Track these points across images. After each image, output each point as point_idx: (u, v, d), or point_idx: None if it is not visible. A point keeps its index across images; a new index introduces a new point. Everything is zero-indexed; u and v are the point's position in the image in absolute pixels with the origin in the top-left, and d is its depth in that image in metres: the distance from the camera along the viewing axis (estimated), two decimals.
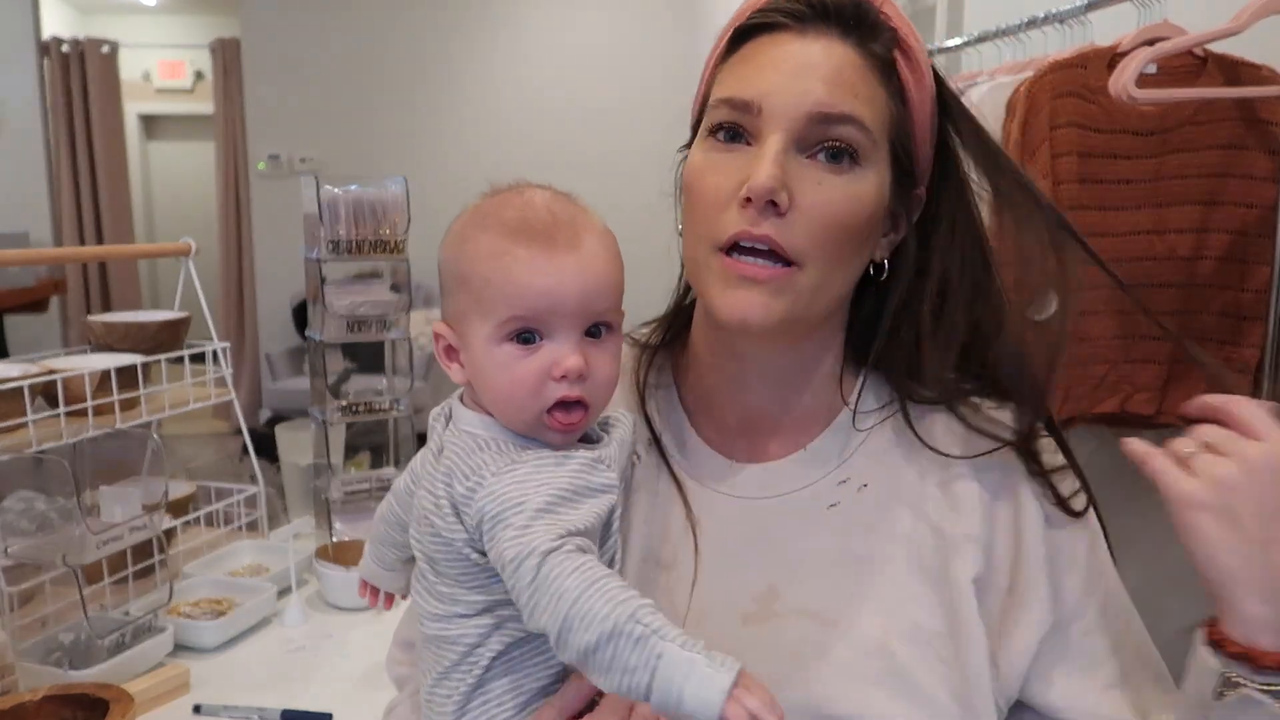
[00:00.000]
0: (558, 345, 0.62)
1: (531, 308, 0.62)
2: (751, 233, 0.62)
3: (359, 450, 1.66)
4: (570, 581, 0.53)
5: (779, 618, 0.66)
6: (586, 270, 0.63)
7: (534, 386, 0.62)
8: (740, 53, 0.66)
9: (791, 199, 0.61)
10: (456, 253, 0.67)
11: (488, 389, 0.65)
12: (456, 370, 0.68)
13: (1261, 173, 1.62)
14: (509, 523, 0.58)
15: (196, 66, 7.20)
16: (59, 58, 5.54)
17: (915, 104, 0.66)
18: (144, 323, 1.52)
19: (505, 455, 0.62)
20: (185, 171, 7.61)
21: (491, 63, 5.65)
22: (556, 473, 0.61)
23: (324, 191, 1.43)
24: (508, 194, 0.68)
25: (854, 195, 0.63)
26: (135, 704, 1.00)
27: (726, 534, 0.70)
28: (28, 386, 1.22)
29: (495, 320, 0.63)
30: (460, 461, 0.63)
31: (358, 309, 1.49)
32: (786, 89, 0.62)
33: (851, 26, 0.64)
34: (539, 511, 0.58)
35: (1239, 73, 1.62)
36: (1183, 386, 1.71)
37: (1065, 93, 1.63)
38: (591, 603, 0.52)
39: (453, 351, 0.68)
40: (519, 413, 0.63)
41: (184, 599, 1.36)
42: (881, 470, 0.69)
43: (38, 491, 1.26)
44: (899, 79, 0.66)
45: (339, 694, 1.20)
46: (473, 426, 0.66)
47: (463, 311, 0.65)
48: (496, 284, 0.62)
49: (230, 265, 5.77)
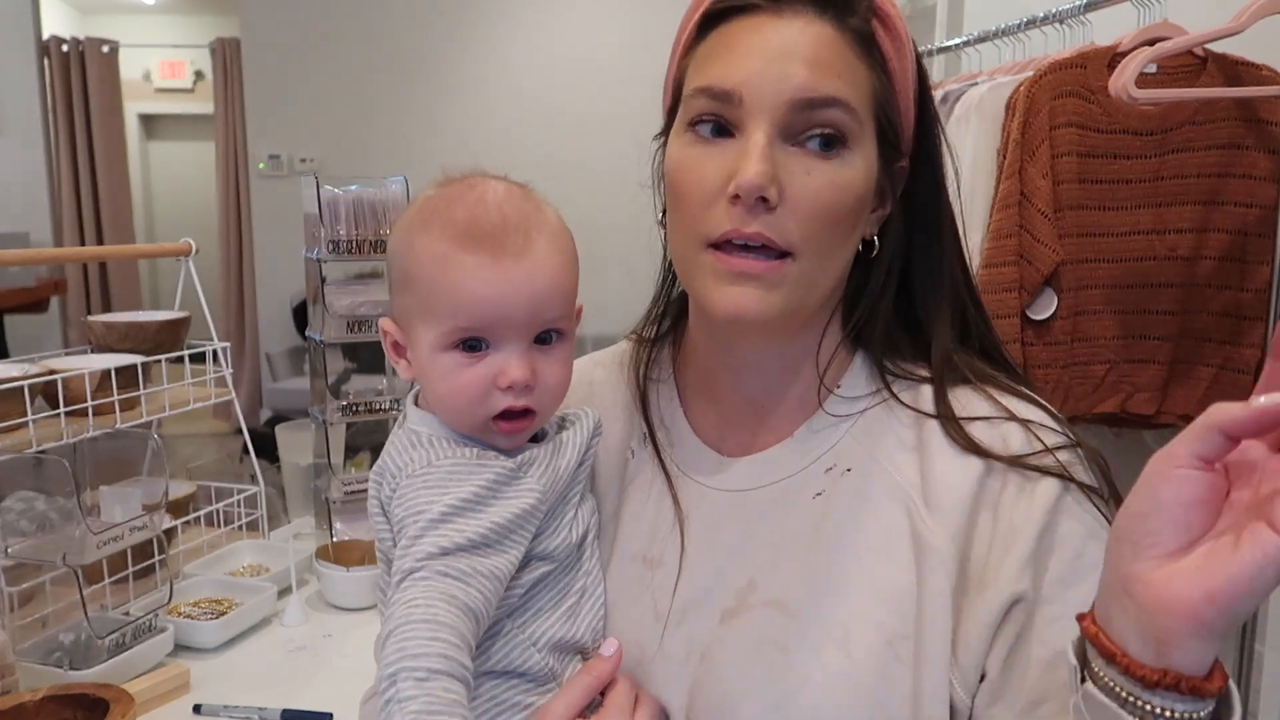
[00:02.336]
0: (504, 355, 0.62)
1: (478, 318, 0.61)
2: (743, 231, 0.60)
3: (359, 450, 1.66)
4: (393, 615, 0.54)
5: (750, 610, 0.65)
6: (536, 278, 0.61)
7: (478, 395, 0.62)
8: (712, 38, 0.63)
9: (781, 191, 0.59)
10: (404, 249, 0.65)
11: (432, 392, 0.65)
12: (404, 367, 0.67)
13: (1261, 173, 1.62)
14: (406, 531, 0.59)
15: (196, 66, 7.21)
16: (59, 57, 5.54)
17: (897, 74, 0.64)
18: (144, 323, 1.52)
19: (432, 453, 0.62)
20: (185, 171, 7.61)
21: (492, 62, 5.65)
22: (466, 481, 0.60)
23: (324, 191, 1.43)
24: (460, 187, 0.65)
25: (843, 181, 0.61)
26: (135, 704, 1.00)
27: (714, 529, 0.69)
28: (28, 386, 1.22)
29: (440, 329, 0.62)
30: (390, 460, 0.63)
31: (358, 309, 1.49)
32: (767, 75, 0.59)
33: (827, 2, 0.61)
34: (433, 522, 0.58)
35: (1239, 73, 1.62)
36: (1183, 386, 1.71)
37: (1065, 93, 1.63)
38: (387, 647, 0.53)
39: (400, 348, 0.67)
40: (464, 418, 0.63)
41: (184, 599, 1.36)
42: (866, 455, 0.66)
43: (38, 491, 1.26)
44: (879, 50, 0.63)
45: (339, 694, 1.20)
46: (417, 424, 0.66)
47: (409, 312, 0.64)
48: (442, 291, 0.61)
49: (230, 265, 5.76)
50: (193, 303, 1.60)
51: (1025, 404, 0.66)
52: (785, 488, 0.68)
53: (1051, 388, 1.67)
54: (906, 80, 0.65)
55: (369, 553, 1.49)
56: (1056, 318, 1.66)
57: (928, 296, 0.69)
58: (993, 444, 0.63)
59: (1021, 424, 0.64)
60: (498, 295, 0.60)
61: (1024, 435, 0.64)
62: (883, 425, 0.67)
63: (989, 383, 0.67)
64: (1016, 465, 0.62)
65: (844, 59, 0.61)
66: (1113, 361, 1.69)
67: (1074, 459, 0.64)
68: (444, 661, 0.52)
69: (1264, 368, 0.46)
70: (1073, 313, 1.66)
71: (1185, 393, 1.70)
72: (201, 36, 6.20)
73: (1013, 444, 0.63)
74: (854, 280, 0.69)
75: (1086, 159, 1.64)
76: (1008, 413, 0.65)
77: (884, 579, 0.62)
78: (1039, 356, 1.66)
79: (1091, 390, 1.70)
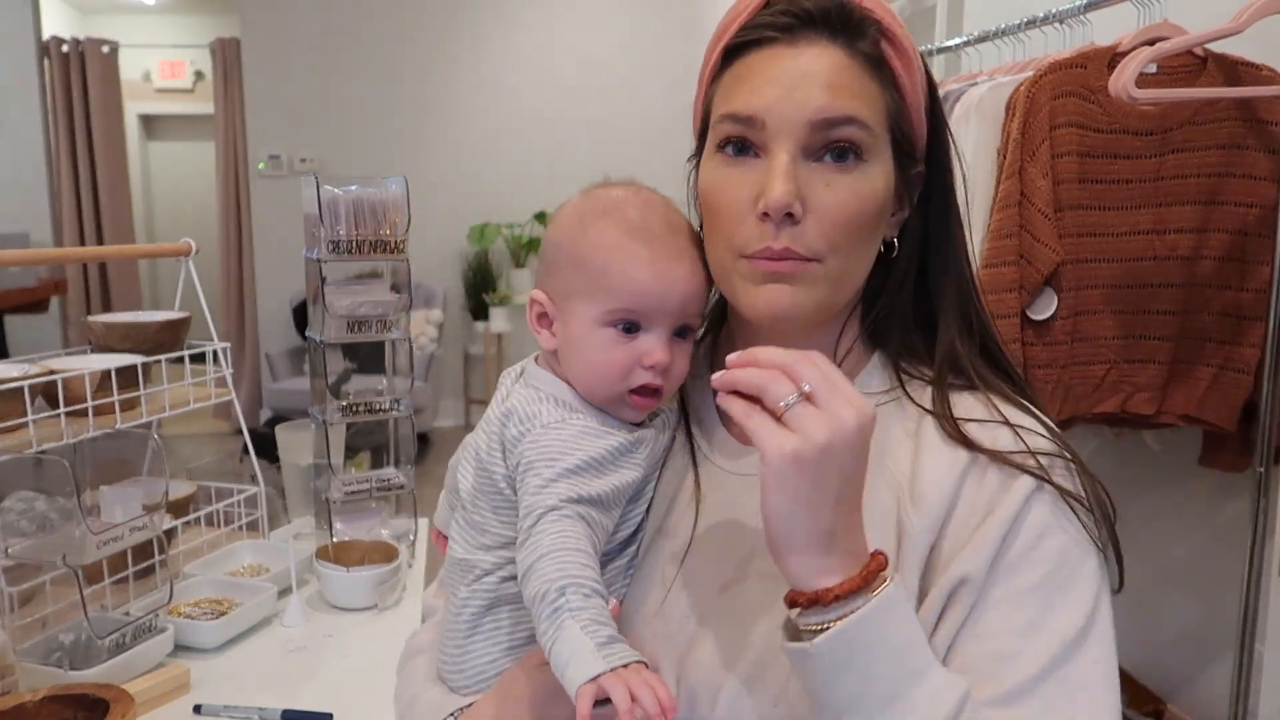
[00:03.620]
0: (652, 338, 0.71)
1: (640, 303, 0.70)
2: (773, 248, 0.66)
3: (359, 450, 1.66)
4: (544, 540, 0.63)
5: (746, 580, 0.70)
6: (690, 279, 0.71)
7: (624, 370, 0.71)
8: (735, 68, 0.69)
9: (805, 204, 0.65)
10: (575, 235, 0.73)
11: (579, 361, 0.72)
12: (546, 337, 0.74)
13: (1261, 173, 1.62)
14: (538, 472, 0.67)
15: (197, 66, 7.21)
16: (59, 58, 5.54)
17: (907, 88, 0.70)
18: (144, 323, 1.52)
19: (564, 411, 0.71)
20: (185, 171, 7.61)
21: (492, 62, 5.65)
22: (595, 443, 0.69)
23: (324, 191, 1.43)
24: (626, 191, 0.75)
25: (862, 191, 0.67)
26: (135, 704, 1.00)
27: (728, 509, 0.74)
28: (28, 386, 1.22)
29: (605, 307, 0.71)
30: (521, 407, 0.71)
31: (358, 309, 1.49)
32: (787, 100, 0.65)
33: (838, 29, 0.67)
34: (567, 471, 0.67)
35: (1239, 73, 1.62)
36: (1183, 386, 1.71)
37: (1065, 93, 1.63)
38: (546, 564, 0.62)
39: (545, 319, 0.75)
40: (604, 388, 0.72)
41: (184, 599, 1.36)
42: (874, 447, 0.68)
43: (38, 491, 1.26)
44: (889, 68, 0.69)
45: (339, 694, 1.20)
46: (541, 383, 0.74)
47: (571, 290, 0.72)
48: (614, 275, 0.70)
49: (230, 265, 5.77)
50: (193, 303, 1.60)
51: (1022, 413, 0.70)
52: None
53: (1051, 388, 1.67)
54: (916, 93, 0.71)
55: (369, 553, 1.49)
56: (1056, 318, 1.66)
57: (939, 293, 0.74)
58: (981, 440, 0.68)
59: (1013, 429, 0.68)
60: (660, 287, 0.70)
61: (1014, 438, 0.68)
62: (891, 420, 0.72)
63: (993, 391, 0.72)
64: (998, 459, 0.66)
65: (858, 80, 0.67)
66: (1113, 361, 1.69)
67: (1058, 465, 0.67)
68: (599, 585, 0.62)
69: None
70: (1073, 313, 1.66)
71: (1185, 393, 1.70)
72: (201, 36, 6.20)
73: (1001, 443, 0.67)
74: (873, 279, 0.74)
75: (1086, 159, 1.64)
76: (1003, 417, 0.69)
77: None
78: (1039, 356, 1.66)
79: (1091, 390, 1.70)
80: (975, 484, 0.66)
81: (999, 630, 0.62)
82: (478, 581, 0.73)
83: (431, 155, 5.61)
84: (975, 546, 0.64)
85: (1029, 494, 0.65)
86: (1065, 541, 0.64)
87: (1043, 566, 0.63)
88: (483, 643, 0.73)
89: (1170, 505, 2.01)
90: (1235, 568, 1.65)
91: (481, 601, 0.73)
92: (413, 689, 0.81)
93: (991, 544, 0.63)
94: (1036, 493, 0.65)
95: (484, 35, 5.61)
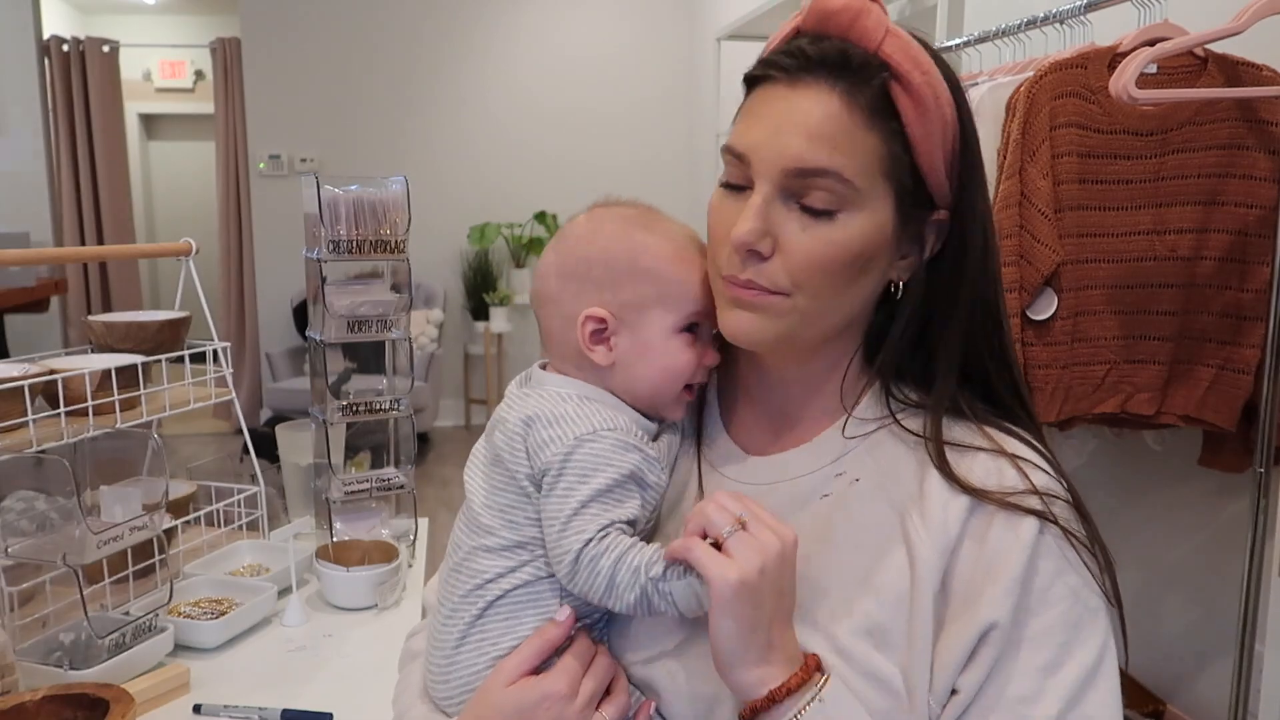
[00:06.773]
0: (706, 341, 0.77)
1: (706, 306, 0.74)
2: (737, 277, 0.68)
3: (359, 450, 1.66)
4: (604, 562, 0.68)
5: None
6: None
7: (693, 369, 0.76)
8: (747, 101, 0.71)
9: (776, 243, 0.67)
10: (635, 248, 0.75)
11: (652, 368, 0.75)
12: (602, 353, 0.75)
13: (1261, 173, 1.62)
14: (573, 491, 0.69)
15: (197, 66, 7.21)
16: (59, 57, 5.54)
17: (918, 136, 0.67)
18: (144, 323, 1.52)
19: (585, 408, 0.73)
20: (185, 171, 7.62)
21: (492, 62, 5.65)
22: (625, 458, 0.71)
23: (324, 191, 1.43)
24: (643, 207, 0.78)
25: (836, 239, 0.66)
26: (135, 704, 0.99)
27: None
28: (28, 386, 1.22)
29: (683, 313, 0.75)
30: (545, 408, 0.73)
31: (358, 309, 1.49)
32: (770, 144, 0.66)
33: (839, 75, 0.66)
34: (598, 493, 0.69)
35: (1239, 73, 1.62)
36: (1183, 387, 1.71)
37: (1065, 93, 1.63)
38: (634, 553, 0.67)
39: (600, 336, 0.75)
40: (669, 390, 0.76)
41: (184, 599, 1.36)
42: (875, 468, 0.72)
43: (38, 491, 1.26)
44: (898, 114, 0.66)
45: (339, 694, 1.20)
46: (558, 386, 0.76)
47: (643, 301, 0.75)
48: (685, 283, 0.74)
49: (230, 265, 5.77)
50: (193, 303, 1.60)
51: (1019, 443, 0.70)
52: (797, 486, 0.74)
53: (1051, 388, 1.67)
54: (931, 140, 0.68)
55: (369, 553, 1.49)
56: (1057, 318, 1.66)
57: (941, 344, 0.73)
58: (985, 478, 0.67)
59: (1011, 459, 0.68)
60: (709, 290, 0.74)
61: (1015, 472, 0.68)
62: (893, 443, 0.72)
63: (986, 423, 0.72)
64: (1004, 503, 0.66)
65: (846, 131, 0.65)
66: (1113, 362, 1.69)
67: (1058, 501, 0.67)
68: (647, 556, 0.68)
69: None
70: (1073, 313, 1.66)
71: (1185, 393, 1.70)
72: (201, 36, 6.20)
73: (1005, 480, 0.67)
74: (881, 314, 0.75)
75: (1087, 159, 1.64)
76: (998, 447, 0.69)
77: (875, 573, 0.67)
78: (1039, 357, 1.66)
79: (1091, 390, 1.70)
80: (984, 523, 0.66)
81: (1023, 672, 0.64)
82: (474, 591, 0.74)
83: (432, 155, 5.61)
84: (998, 590, 0.64)
85: (1037, 534, 0.65)
86: (1076, 582, 0.66)
87: (1059, 606, 0.65)
88: (469, 654, 0.74)
89: (1170, 505, 2.00)
90: (1235, 568, 1.65)
91: (473, 611, 0.74)
92: (404, 699, 0.82)
93: (1012, 589, 0.64)
94: (1042, 534, 0.65)
95: (485, 35, 5.61)
